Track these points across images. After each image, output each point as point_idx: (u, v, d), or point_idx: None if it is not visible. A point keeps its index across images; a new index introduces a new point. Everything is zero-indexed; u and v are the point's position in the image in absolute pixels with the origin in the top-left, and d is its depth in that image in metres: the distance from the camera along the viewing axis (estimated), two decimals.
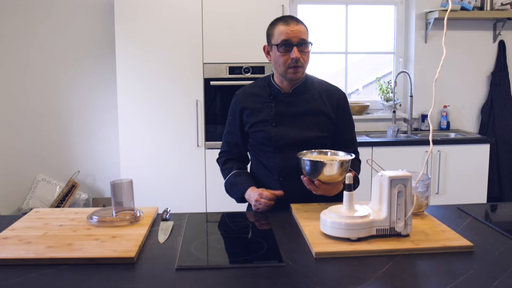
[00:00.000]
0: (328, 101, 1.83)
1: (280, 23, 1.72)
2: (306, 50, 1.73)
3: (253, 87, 1.90)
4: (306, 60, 1.75)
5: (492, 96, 4.07)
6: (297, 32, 1.70)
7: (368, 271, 1.18)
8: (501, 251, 1.32)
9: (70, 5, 3.74)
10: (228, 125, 1.95)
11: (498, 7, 3.90)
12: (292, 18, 1.74)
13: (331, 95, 1.84)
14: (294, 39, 1.69)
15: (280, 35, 1.71)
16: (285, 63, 1.72)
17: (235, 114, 1.89)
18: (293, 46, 1.69)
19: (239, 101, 1.88)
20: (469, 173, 3.62)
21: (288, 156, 1.76)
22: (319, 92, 1.83)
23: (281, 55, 1.72)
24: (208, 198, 3.48)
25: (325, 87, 1.87)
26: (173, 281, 1.15)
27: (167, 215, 1.61)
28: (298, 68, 1.73)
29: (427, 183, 1.58)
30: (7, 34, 3.73)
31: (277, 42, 1.71)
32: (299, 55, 1.70)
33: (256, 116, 1.82)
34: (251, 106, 1.85)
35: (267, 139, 1.80)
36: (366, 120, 4.05)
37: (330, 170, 1.52)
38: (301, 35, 1.70)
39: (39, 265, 1.23)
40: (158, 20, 3.33)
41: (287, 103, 1.81)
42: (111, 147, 3.89)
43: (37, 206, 3.71)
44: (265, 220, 1.60)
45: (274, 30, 1.74)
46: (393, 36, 4.17)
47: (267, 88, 1.85)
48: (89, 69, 3.82)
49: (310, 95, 1.82)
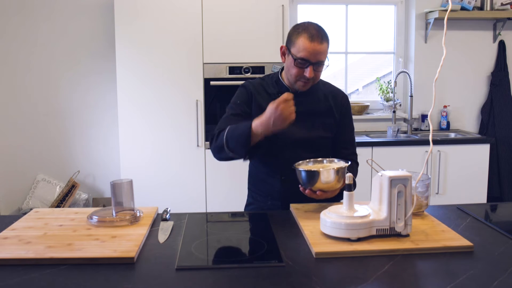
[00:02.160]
0: (333, 102, 1.84)
1: (305, 36, 1.65)
2: (320, 69, 1.71)
3: (261, 81, 1.85)
4: (318, 76, 1.74)
5: (492, 96, 4.07)
6: (318, 52, 1.66)
7: (368, 271, 1.18)
8: (501, 251, 1.32)
9: (70, 6, 3.74)
10: (232, 108, 1.80)
11: (498, 7, 3.90)
12: (318, 35, 1.66)
13: (336, 97, 1.86)
14: (312, 59, 1.66)
15: (300, 50, 1.65)
16: (296, 76, 1.71)
17: (247, 100, 1.79)
18: (309, 65, 1.67)
19: (250, 89, 1.81)
20: (469, 173, 3.62)
21: (291, 155, 1.74)
22: (324, 93, 1.85)
23: (296, 68, 1.69)
24: (208, 198, 3.48)
25: (330, 88, 1.88)
26: (173, 281, 1.15)
27: (167, 215, 1.61)
28: (308, 83, 1.73)
29: (427, 183, 1.58)
30: (8, 34, 3.73)
31: (296, 55, 1.67)
32: (312, 75, 1.68)
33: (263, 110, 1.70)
34: (259, 99, 1.79)
35: (273, 136, 1.71)
36: (366, 120, 4.05)
37: (328, 178, 1.53)
38: (321, 57, 1.67)
39: (39, 265, 1.23)
40: (158, 20, 3.33)
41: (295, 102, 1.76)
42: (111, 147, 3.89)
43: (37, 206, 3.71)
44: (265, 220, 1.60)
45: (298, 40, 1.67)
46: (393, 36, 4.17)
47: (275, 85, 1.83)
48: (89, 69, 3.82)
49: (317, 96, 1.83)
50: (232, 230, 1.56)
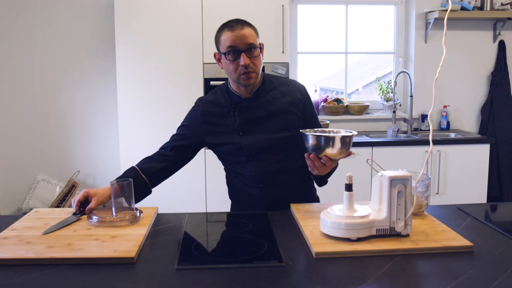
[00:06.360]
0: (291, 98, 1.77)
1: (225, 29, 1.64)
2: (255, 54, 1.65)
3: (212, 96, 1.81)
4: (258, 64, 1.67)
5: (492, 96, 4.07)
6: (243, 37, 1.61)
7: (368, 271, 1.18)
8: (501, 251, 1.32)
9: (71, 6, 3.74)
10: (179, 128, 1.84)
11: (498, 7, 3.90)
12: (238, 22, 1.64)
13: (292, 91, 1.78)
14: (240, 45, 1.61)
15: (226, 41, 1.62)
16: (235, 71, 1.65)
17: (194, 122, 1.80)
18: (241, 53, 1.62)
19: (199, 109, 1.79)
20: (469, 173, 3.62)
21: (262, 162, 1.73)
22: (280, 91, 1.77)
23: (230, 62, 1.64)
24: (208, 198, 3.48)
25: (285, 85, 1.80)
26: (173, 281, 1.15)
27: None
28: (250, 73, 1.65)
29: (427, 183, 1.58)
30: (8, 35, 3.73)
31: (224, 49, 1.63)
32: (248, 62, 1.62)
33: (220, 127, 1.76)
34: (210, 116, 1.77)
35: (238, 150, 1.73)
36: (366, 120, 4.05)
37: (337, 145, 1.52)
38: (248, 40, 1.62)
39: (39, 265, 1.23)
40: (158, 20, 3.33)
41: (249, 109, 1.73)
42: (111, 147, 3.89)
43: (37, 206, 3.71)
44: (265, 220, 1.60)
45: (221, 37, 1.65)
46: (393, 36, 4.17)
47: (227, 96, 1.77)
48: (89, 69, 3.82)
49: (271, 96, 1.75)
50: (232, 230, 1.56)
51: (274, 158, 1.74)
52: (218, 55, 1.72)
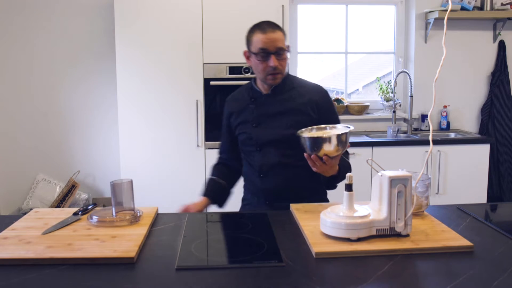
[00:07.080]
0: (307, 99, 1.85)
1: (258, 31, 1.75)
2: (283, 57, 1.78)
3: (239, 92, 1.99)
4: (284, 65, 1.80)
5: (492, 96, 4.07)
6: (274, 40, 1.73)
7: (368, 271, 1.18)
8: (501, 251, 1.32)
9: (71, 6, 3.74)
10: (222, 127, 2.05)
11: (498, 7, 3.90)
12: (269, 25, 1.76)
13: (310, 93, 1.87)
14: (271, 48, 1.73)
15: (257, 43, 1.74)
16: (264, 70, 1.77)
17: (225, 118, 1.99)
18: (271, 55, 1.73)
19: (227, 106, 1.98)
20: (469, 173, 3.62)
21: (267, 154, 1.84)
22: (298, 91, 1.87)
23: (260, 62, 1.76)
24: None
25: (306, 87, 1.90)
26: (173, 281, 1.15)
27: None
28: (277, 74, 1.78)
29: (427, 183, 1.58)
30: (8, 35, 3.73)
31: (255, 50, 1.75)
32: (277, 63, 1.74)
33: (240, 119, 1.91)
34: (236, 109, 1.93)
35: (249, 139, 1.87)
36: (366, 120, 4.05)
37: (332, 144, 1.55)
38: (278, 44, 1.74)
39: (39, 265, 1.23)
40: (158, 20, 3.33)
41: (266, 104, 1.86)
42: (111, 147, 3.89)
43: (37, 206, 3.71)
44: (265, 220, 1.60)
45: (252, 37, 1.77)
46: (393, 36, 4.17)
47: (250, 91, 1.92)
48: (89, 69, 3.82)
49: (289, 95, 1.85)
50: (232, 230, 1.56)
51: (278, 152, 1.83)
52: (247, 53, 1.84)
